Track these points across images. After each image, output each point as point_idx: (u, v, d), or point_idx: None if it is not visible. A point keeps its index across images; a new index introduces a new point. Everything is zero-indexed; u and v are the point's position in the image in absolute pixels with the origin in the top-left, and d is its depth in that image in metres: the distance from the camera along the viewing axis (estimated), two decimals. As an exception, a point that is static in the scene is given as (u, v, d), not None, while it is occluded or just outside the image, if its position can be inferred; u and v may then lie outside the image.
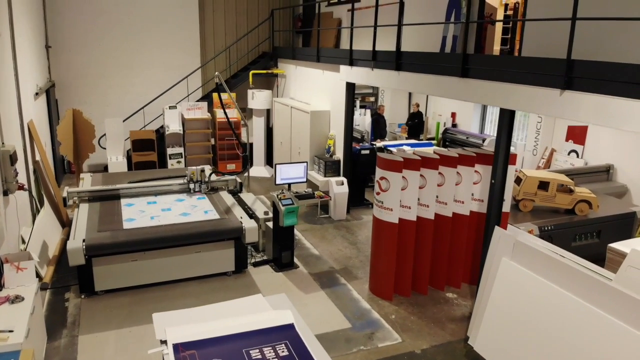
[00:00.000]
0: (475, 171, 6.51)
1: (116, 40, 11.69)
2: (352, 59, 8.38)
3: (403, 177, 6.14)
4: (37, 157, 8.16)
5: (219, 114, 11.90)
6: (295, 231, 8.60)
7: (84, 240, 5.94)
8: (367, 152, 9.33)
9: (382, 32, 7.69)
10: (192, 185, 7.80)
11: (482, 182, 6.56)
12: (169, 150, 11.44)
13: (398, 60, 7.05)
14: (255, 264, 7.27)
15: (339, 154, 9.49)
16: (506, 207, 6.53)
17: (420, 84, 6.69)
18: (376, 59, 7.66)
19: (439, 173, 6.41)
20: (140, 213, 6.91)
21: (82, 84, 11.64)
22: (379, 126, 12.44)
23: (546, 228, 6.74)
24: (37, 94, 8.69)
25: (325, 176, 9.38)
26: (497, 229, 5.05)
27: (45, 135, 9.73)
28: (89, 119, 9.37)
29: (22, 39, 7.85)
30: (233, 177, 8.11)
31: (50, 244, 7.35)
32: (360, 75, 8.18)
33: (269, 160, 12.38)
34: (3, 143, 5.81)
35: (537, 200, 7.17)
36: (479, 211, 6.63)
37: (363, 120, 12.95)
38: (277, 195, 7.01)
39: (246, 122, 8.76)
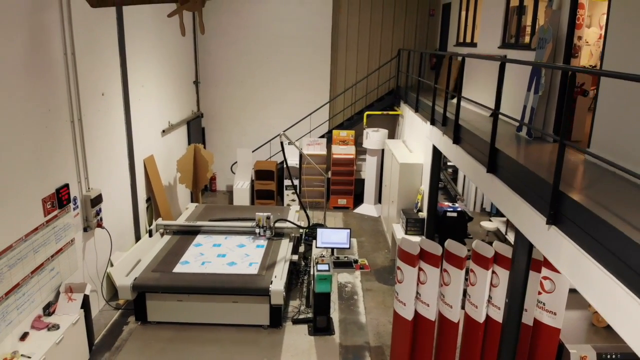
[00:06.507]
0: (518, 275, 5.48)
1: (255, 77, 12.84)
2: (432, 117, 7.77)
3: (421, 269, 5.56)
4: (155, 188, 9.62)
5: (336, 150, 12.19)
6: (359, 289, 8.40)
7: (135, 279, 6.88)
8: (454, 214, 8.51)
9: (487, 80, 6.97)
10: (257, 230, 8.27)
11: (528, 287, 5.49)
12: (286, 182, 12.18)
13: (456, 134, 6.33)
14: (295, 321, 7.37)
15: (426, 212, 8.86)
16: (557, 322, 5.43)
17: (467, 166, 5.90)
18: (445, 125, 6.98)
19: (471, 271, 5.61)
20: (198, 256, 7.63)
21: (224, 115, 13.14)
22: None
23: (610, 356, 5.33)
24: (163, 131, 10.19)
25: (406, 234, 8.88)
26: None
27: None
28: (207, 154, 10.59)
29: (148, 87, 9.31)
30: (297, 227, 8.30)
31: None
32: (435, 137, 7.54)
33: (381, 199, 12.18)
34: (89, 188, 7.08)
35: (616, 319, 5.67)
36: (523, 321, 5.56)
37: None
38: (316, 259, 6.99)
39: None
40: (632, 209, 3.31)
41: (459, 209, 8.65)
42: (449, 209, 8.62)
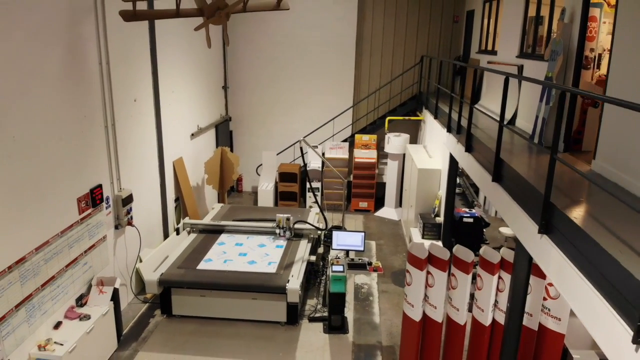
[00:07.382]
0: (524, 281, 5.64)
1: (281, 83, 13.23)
2: (449, 125, 7.95)
3: (429, 273, 5.78)
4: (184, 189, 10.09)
5: (358, 154, 12.44)
6: (375, 291, 8.64)
7: (161, 274, 7.32)
8: (471, 220, 8.65)
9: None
10: (277, 230, 8.62)
11: (532, 292, 5.65)
12: (308, 184, 12.50)
13: (468, 142, 6.52)
14: (311, 319, 7.67)
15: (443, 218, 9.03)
16: (561, 327, 5.58)
17: (476, 174, 6.09)
18: (460, 133, 7.17)
19: (478, 275, 5.79)
20: (221, 255, 8.03)
21: (252, 119, 13.57)
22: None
23: None
24: (192, 134, 10.67)
25: (422, 238, 9.07)
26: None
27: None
28: (233, 156, 11.01)
29: (178, 93, 9.80)
30: (315, 229, 8.61)
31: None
32: (451, 144, 7.72)
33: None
34: (121, 188, 7.56)
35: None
36: (528, 326, 5.73)
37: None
38: (331, 260, 7.28)
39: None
40: (620, 222, 3.47)
41: (475, 215, 8.79)
42: (465, 215, 8.76)
